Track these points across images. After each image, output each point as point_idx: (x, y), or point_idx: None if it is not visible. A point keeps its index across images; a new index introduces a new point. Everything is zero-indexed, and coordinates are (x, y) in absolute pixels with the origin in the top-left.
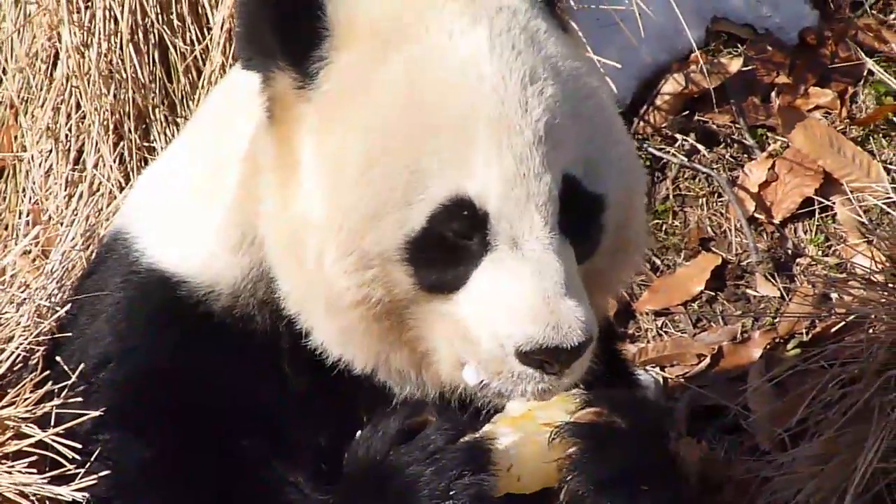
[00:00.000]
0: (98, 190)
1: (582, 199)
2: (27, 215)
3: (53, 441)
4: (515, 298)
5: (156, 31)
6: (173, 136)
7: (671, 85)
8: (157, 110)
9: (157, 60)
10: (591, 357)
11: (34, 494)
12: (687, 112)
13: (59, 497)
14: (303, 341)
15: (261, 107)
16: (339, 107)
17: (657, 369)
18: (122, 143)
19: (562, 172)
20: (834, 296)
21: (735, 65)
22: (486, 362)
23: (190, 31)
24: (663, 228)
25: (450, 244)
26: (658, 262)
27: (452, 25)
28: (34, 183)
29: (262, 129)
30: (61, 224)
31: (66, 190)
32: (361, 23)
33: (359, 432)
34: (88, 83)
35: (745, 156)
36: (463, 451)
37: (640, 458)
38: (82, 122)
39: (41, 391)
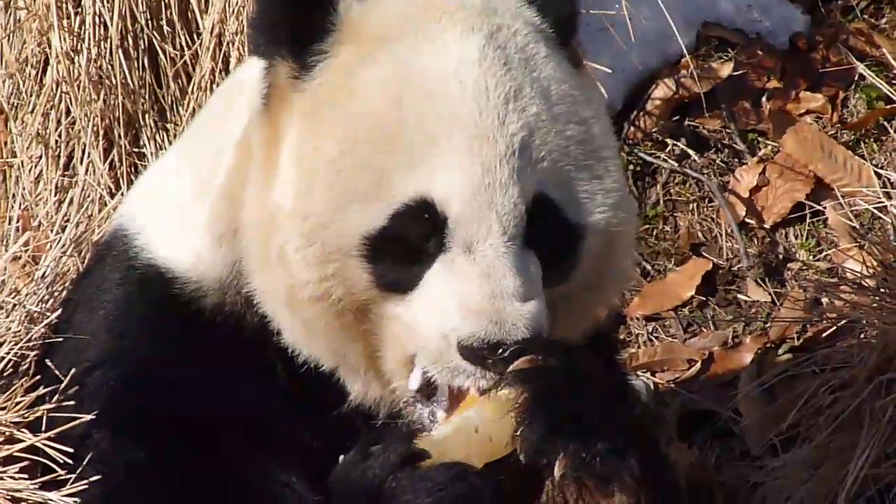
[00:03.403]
0: (88, 196)
1: (557, 223)
2: (17, 221)
3: (45, 446)
4: (462, 296)
5: (145, 37)
6: (163, 141)
7: (662, 90)
8: (146, 116)
9: (146, 66)
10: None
11: (26, 500)
12: (677, 117)
13: (51, 502)
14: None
15: (259, 92)
16: (325, 100)
17: (648, 374)
18: (112, 149)
19: (534, 191)
20: (825, 301)
21: (726, 69)
22: (429, 352)
23: (179, 36)
24: (654, 233)
25: (407, 245)
26: (649, 267)
27: (447, 34)
28: (24, 189)
29: (256, 116)
30: (51, 230)
31: (56, 196)
32: (367, 23)
33: (342, 457)
34: (78, 89)
35: (736, 160)
36: (466, 494)
37: (583, 394)
38: (72, 128)
39: (33, 395)
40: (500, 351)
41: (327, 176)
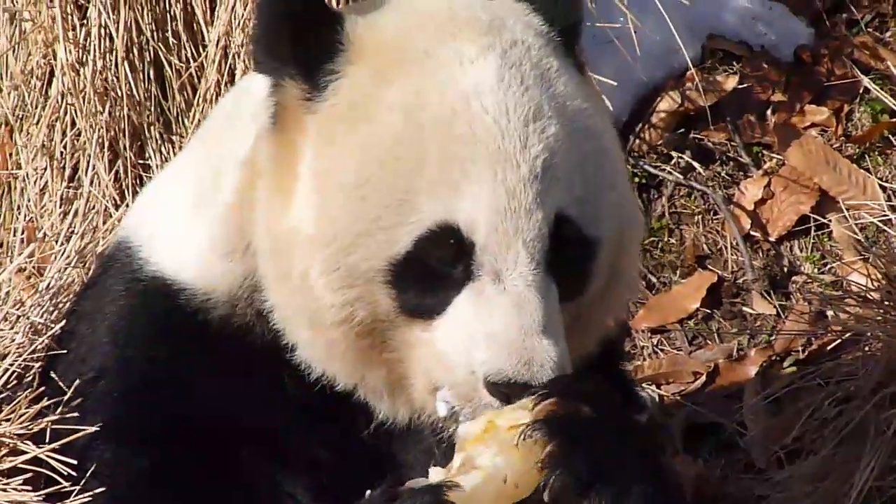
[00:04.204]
0: (93, 207)
1: (574, 241)
2: (22, 233)
3: (49, 457)
4: (492, 329)
5: (151, 49)
6: (168, 153)
7: (667, 102)
8: (152, 128)
9: (152, 78)
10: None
11: None
12: (682, 129)
13: None
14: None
15: (267, 111)
16: (341, 122)
17: (653, 387)
18: (117, 161)
19: (555, 211)
20: (830, 313)
21: (731, 82)
22: (457, 387)
23: (185, 48)
24: (659, 246)
25: (433, 270)
26: (654, 279)
27: (463, 53)
28: (29, 200)
29: (265, 134)
30: (56, 241)
31: (61, 207)
32: (376, 41)
33: (368, 492)
34: (83, 101)
35: (741, 173)
36: None
37: (617, 446)
38: (77, 140)
39: (37, 406)
40: (527, 393)
41: (348, 200)
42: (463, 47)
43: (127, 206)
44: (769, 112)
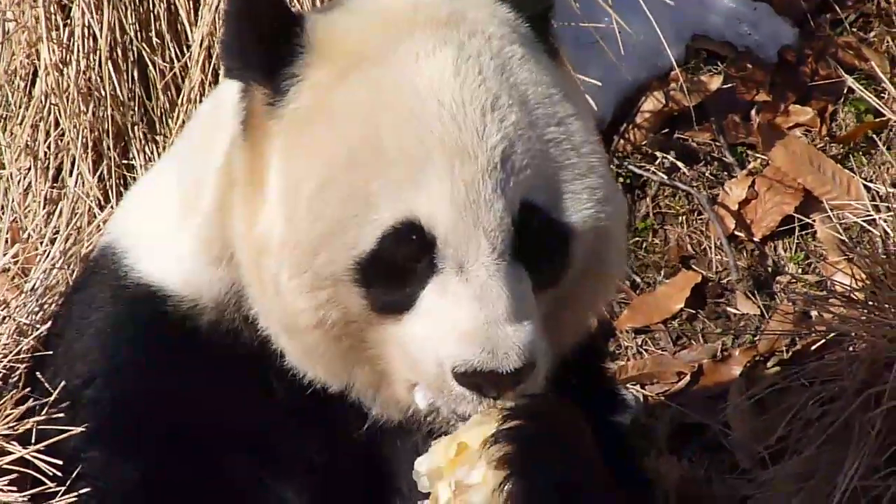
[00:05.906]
0: (78, 208)
1: (544, 227)
2: (6, 233)
3: (35, 458)
4: (455, 321)
5: (135, 49)
6: (152, 153)
7: (651, 103)
8: (136, 128)
9: (136, 78)
10: (542, 380)
11: None
12: (667, 130)
13: None
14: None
15: (237, 117)
16: (303, 126)
17: (637, 387)
18: (101, 161)
19: (520, 200)
20: (814, 314)
21: (715, 83)
22: (429, 381)
23: (169, 48)
24: (643, 246)
25: (399, 266)
26: (638, 279)
27: (419, 48)
28: (13, 201)
29: (237, 141)
30: (41, 242)
31: (45, 208)
32: (336, 42)
33: None
34: (67, 101)
35: (725, 173)
36: None
37: (570, 457)
38: (61, 140)
39: (22, 407)
40: (497, 382)
41: (312, 203)
42: (419, 43)
43: (111, 206)
44: (753, 112)
